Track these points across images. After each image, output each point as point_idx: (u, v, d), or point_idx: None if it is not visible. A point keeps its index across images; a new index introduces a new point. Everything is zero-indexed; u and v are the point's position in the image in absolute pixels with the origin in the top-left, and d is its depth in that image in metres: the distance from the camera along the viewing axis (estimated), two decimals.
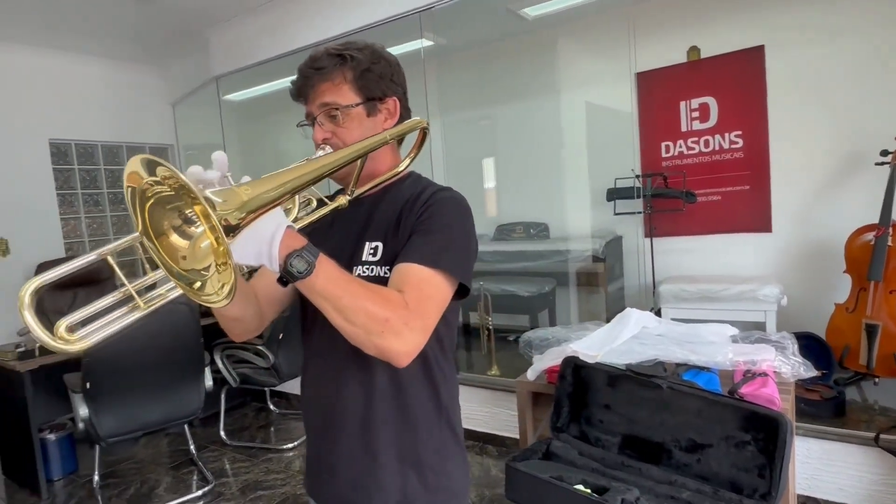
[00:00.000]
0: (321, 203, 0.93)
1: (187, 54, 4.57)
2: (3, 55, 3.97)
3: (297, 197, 0.93)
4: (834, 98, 2.84)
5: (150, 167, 0.66)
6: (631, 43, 2.78)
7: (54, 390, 2.91)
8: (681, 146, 3.28)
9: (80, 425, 2.58)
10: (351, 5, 3.35)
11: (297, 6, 3.64)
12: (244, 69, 4.07)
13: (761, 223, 3.08)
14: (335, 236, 1.03)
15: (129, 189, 0.69)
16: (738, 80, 3.07)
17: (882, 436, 2.11)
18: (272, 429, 3.67)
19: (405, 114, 1.05)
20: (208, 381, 2.89)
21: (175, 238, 0.70)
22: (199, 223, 0.68)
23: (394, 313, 0.80)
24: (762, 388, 1.69)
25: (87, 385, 2.49)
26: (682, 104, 3.25)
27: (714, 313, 2.82)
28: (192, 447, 3.17)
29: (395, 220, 0.97)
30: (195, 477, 3.03)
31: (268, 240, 0.73)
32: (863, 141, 2.74)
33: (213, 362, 3.23)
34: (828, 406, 2.39)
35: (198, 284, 0.70)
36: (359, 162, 0.92)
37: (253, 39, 3.93)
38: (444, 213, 0.95)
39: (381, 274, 0.95)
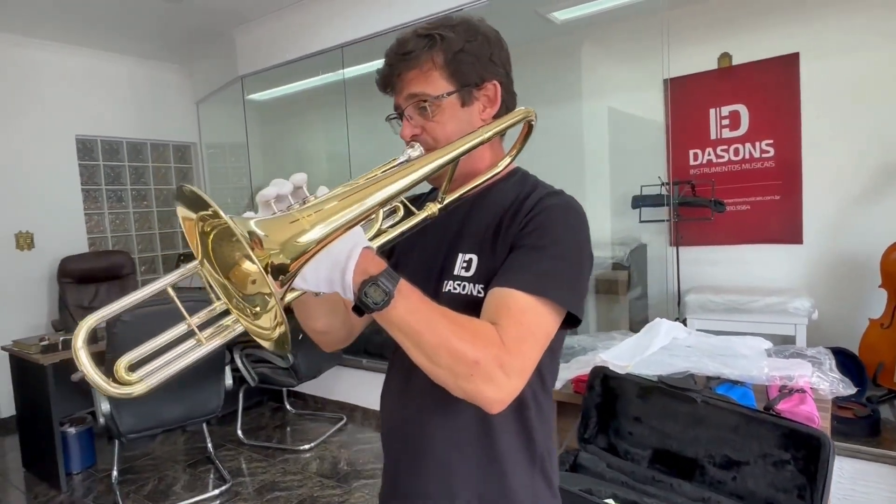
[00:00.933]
0: (408, 211, 0.81)
1: (213, 53, 4.61)
2: (32, 52, 4.03)
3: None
4: (870, 108, 2.77)
5: (195, 203, 0.60)
6: (664, 49, 2.73)
7: (76, 384, 2.93)
8: (709, 154, 3.22)
9: (101, 420, 2.59)
10: (378, 7, 3.35)
11: (323, 7, 3.64)
12: (269, 69, 4.09)
13: (792, 234, 3.01)
14: (425, 244, 0.91)
15: (192, 235, 0.64)
16: (771, 88, 3.01)
17: None
18: (288, 429, 3.66)
19: (508, 99, 0.91)
20: (228, 380, 2.89)
21: (248, 265, 0.63)
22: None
23: (486, 353, 0.68)
24: (801, 405, 1.64)
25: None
26: (712, 111, 3.19)
27: (742, 325, 2.75)
28: (209, 445, 3.17)
29: (493, 228, 0.84)
30: (212, 475, 3.03)
31: (341, 265, 0.65)
32: None
33: (232, 361, 3.23)
34: (862, 425, 2.32)
35: (257, 309, 0.63)
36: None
37: (279, 40, 3.94)
38: (555, 224, 0.80)
39: (474, 293, 0.82)
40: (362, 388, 3.67)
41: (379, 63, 0.92)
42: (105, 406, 2.52)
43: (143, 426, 2.59)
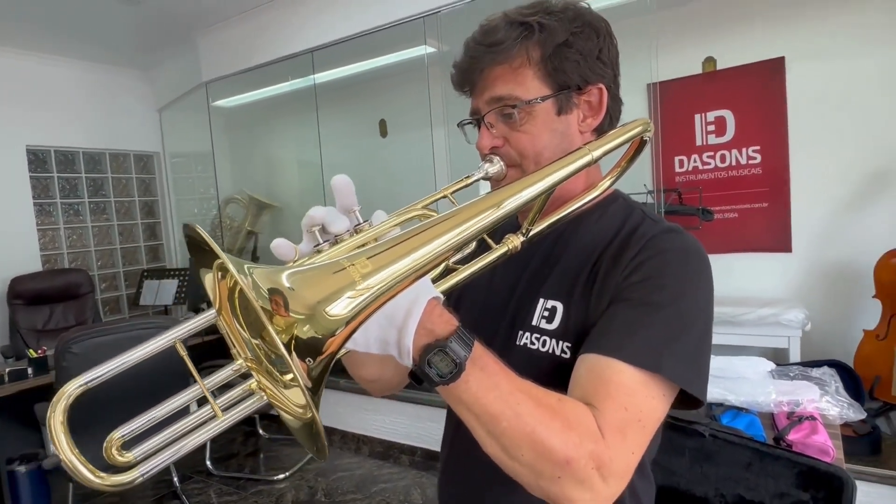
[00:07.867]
0: (482, 244, 0.63)
1: (175, 58, 4.37)
2: None
3: None
4: (859, 111, 2.71)
5: (202, 248, 0.47)
6: (651, 53, 2.63)
7: (27, 419, 2.68)
8: (695, 161, 3.13)
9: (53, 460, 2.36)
10: (351, 10, 3.18)
11: (291, 10, 3.45)
12: (235, 74, 3.88)
13: (781, 242, 2.94)
14: (496, 284, 0.75)
15: (213, 287, 0.50)
16: (757, 93, 2.93)
17: None
18: (262, 456, 3.45)
19: (614, 107, 0.73)
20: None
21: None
22: None
23: (580, 450, 0.52)
24: (813, 436, 1.53)
25: None
26: (697, 117, 3.11)
27: (734, 338, 2.67)
28: (175, 479, 2.95)
29: (588, 269, 0.67)
30: None
31: (398, 322, 0.50)
32: (890, 157, 2.62)
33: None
34: (863, 443, 2.23)
35: (289, 378, 0.48)
36: None
37: (244, 44, 3.74)
38: (672, 273, 0.63)
39: (557, 352, 0.66)
40: (340, 409, 3.48)
41: (352, 68, 0.75)
42: (52, 449, 2.28)
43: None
